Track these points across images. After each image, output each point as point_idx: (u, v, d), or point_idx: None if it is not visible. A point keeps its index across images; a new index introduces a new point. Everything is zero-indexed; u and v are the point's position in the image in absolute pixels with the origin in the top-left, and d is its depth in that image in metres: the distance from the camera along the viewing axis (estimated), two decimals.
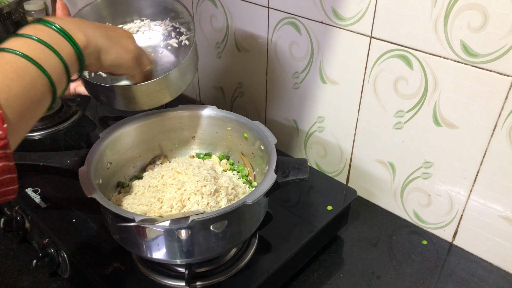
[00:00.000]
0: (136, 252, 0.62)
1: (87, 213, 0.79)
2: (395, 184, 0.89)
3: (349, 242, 0.86)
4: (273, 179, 0.60)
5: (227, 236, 0.60)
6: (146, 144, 0.77)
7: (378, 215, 0.92)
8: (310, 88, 0.94)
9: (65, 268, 0.74)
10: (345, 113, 0.90)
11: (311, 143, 1.00)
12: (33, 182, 0.86)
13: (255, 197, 0.57)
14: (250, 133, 0.73)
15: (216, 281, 0.67)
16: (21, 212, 0.81)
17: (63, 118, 1.04)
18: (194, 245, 0.58)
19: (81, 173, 0.61)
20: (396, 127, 0.83)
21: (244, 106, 1.12)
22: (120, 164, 0.73)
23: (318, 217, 0.79)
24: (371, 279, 0.78)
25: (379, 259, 0.82)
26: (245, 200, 0.57)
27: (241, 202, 0.57)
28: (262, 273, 0.68)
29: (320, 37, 0.87)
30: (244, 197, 0.58)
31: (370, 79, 0.83)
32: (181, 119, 0.77)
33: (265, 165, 0.68)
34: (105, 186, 0.69)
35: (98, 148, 0.67)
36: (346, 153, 0.94)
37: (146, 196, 0.64)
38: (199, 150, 0.80)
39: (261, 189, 0.58)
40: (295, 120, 1.00)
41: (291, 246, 0.72)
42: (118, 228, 0.59)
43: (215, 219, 0.55)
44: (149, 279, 0.67)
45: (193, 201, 0.62)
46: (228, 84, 1.12)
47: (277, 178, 0.62)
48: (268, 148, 0.67)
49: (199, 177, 0.64)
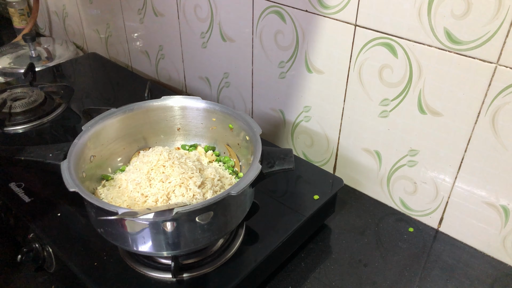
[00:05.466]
0: (121, 245, 0.61)
1: (72, 207, 0.78)
2: (381, 172, 0.89)
3: (336, 231, 0.86)
4: (258, 169, 0.60)
5: (213, 227, 0.59)
6: (130, 136, 0.76)
7: (365, 204, 0.93)
8: (296, 78, 0.93)
9: (51, 263, 0.73)
10: (331, 102, 0.90)
11: (298, 133, 1.00)
12: (17, 176, 0.84)
13: (240, 188, 0.57)
14: (235, 123, 0.73)
15: (203, 273, 0.67)
16: (4, 207, 0.80)
17: (46, 111, 1.02)
18: (180, 237, 0.58)
19: (63, 167, 0.60)
20: (382, 115, 0.83)
21: (230, 97, 1.11)
22: (104, 157, 0.72)
23: (305, 206, 0.79)
24: (358, 267, 0.78)
25: (366, 247, 0.82)
26: (230, 191, 0.57)
27: (226, 193, 0.56)
28: (249, 263, 0.68)
29: (305, 25, 0.86)
30: (229, 188, 0.58)
31: (355, 67, 0.82)
32: (165, 111, 0.76)
33: (251, 156, 0.68)
34: (89, 179, 0.68)
35: (80, 141, 0.66)
36: (333, 142, 0.94)
37: (130, 190, 0.63)
38: (185, 142, 0.79)
39: (246, 180, 0.58)
40: (282, 110, 1.00)
41: (278, 235, 0.72)
42: (101, 221, 0.59)
43: (200, 210, 0.55)
44: (135, 271, 0.67)
45: (178, 194, 0.61)
46: (214, 74, 1.11)
47: (262, 169, 0.62)
48: (253, 139, 0.67)
49: (184, 169, 0.64)
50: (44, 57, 1.40)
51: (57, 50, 1.45)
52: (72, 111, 1.06)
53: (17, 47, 1.44)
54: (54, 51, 1.44)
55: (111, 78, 1.26)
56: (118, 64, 1.32)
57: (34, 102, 1.02)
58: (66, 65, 1.32)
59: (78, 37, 1.52)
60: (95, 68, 1.31)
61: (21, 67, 1.31)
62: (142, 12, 1.20)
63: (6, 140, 0.97)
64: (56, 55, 1.42)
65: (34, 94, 1.04)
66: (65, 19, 1.53)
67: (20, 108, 1.00)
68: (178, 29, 1.13)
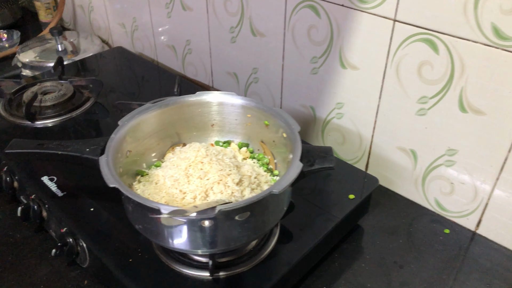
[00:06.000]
0: (159, 242, 0.61)
1: (105, 202, 0.78)
2: (416, 171, 0.87)
3: (369, 231, 0.84)
4: (299, 168, 0.59)
5: (253, 226, 0.58)
6: (164, 132, 0.75)
7: (398, 203, 0.91)
8: (329, 73, 0.91)
9: (84, 258, 0.73)
10: (365, 99, 0.88)
11: (329, 130, 0.98)
12: (49, 170, 0.84)
13: (282, 187, 0.56)
14: (271, 120, 0.71)
15: (239, 271, 0.66)
16: (37, 201, 0.80)
17: (76, 105, 1.02)
18: (219, 236, 0.57)
19: (101, 162, 0.59)
20: (419, 113, 0.81)
21: (259, 93, 1.09)
22: (139, 152, 0.71)
23: (340, 206, 0.77)
24: (393, 269, 0.77)
25: (401, 248, 0.80)
26: (271, 190, 0.55)
27: (267, 192, 0.55)
28: (284, 264, 0.67)
29: (340, 20, 0.84)
30: (270, 186, 0.57)
31: (393, 64, 0.80)
32: (200, 106, 0.75)
33: (289, 154, 0.67)
34: (125, 175, 0.67)
35: (117, 136, 0.65)
36: (366, 140, 0.92)
37: (168, 186, 0.62)
38: (218, 138, 0.78)
39: (287, 179, 0.57)
40: (313, 106, 0.98)
41: (314, 235, 0.71)
42: (141, 218, 0.58)
43: (242, 209, 0.54)
44: (170, 268, 0.66)
45: (216, 191, 0.60)
46: (242, 70, 1.10)
47: (302, 167, 0.60)
48: (292, 136, 0.66)
49: (222, 166, 0.63)
50: (69, 51, 1.40)
51: (82, 44, 1.45)
52: (101, 106, 1.06)
53: (42, 41, 1.44)
54: (79, 45, 1.44)
55: (136, 73, 1.26)
56: (143, 59, 1.32)
57: (64, 96, 1.02)
58: (91, 59, 1.32)
59: (104, 31, 1.52)
60: (120, 63, 1.31)
61: (48, 61, 1.31)
62: (170, 6, 1.19)
63: (36, 134, 0.97)
64: (81, 49, 1.42)
65: (64, 88, 1.04)
66: (91, 13, 1.53)
67: (50, 101, 1.00)
68: (207, 24, 1.11)
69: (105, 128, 1.01)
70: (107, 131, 1.00)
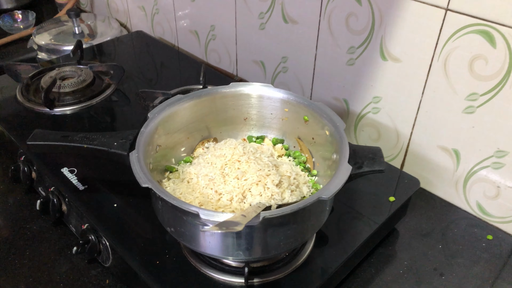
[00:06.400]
0: (192, 247, 0.56)
1: (129, 197, 0.73)
2: (458, 173, 0.82)
3: (406, 235, 0.79)
4: (348, 171, 0.53)
5: (295, 233, 0.53)
6: (195, 125, 0.70)
7: (435, 206, 0.85)
8: (367, 65, 0.85)
9: (107, 257, 0.69)
10: (406, 93, 0.82)
11: (363, 125, 0.92)
12: (69, 161, 0.80)
13: (331, 192, 0.50)
14: (312, 116, 0.66)
15: (275, 279, 0.61)
16: (57, 194, 0.76)
17: (95, 92, 0.97)
18: (259, 243, 0.52)
19: (132, 159, 0.54)
20: (467, 111, 0.75)
21: (287, 83, 1.04)
22: (168, 147, 0.66)
23: (379, 209, 0.72)
24: (434, 277, 0.72)
25: (440, 254, 0.75)
26: (320, 195, 0.50)
27: (316, 197, 0.50)
28: (322, 272, 0.62)
29: (383, 8, 0.78)
30: (319, 191, 0.51)
31: (441, 57, 0.74)
32: (234, 99, 0.69)
33: (332, 153, 0.61)
34: (154, 171, 0.62)
35: (148, 130, 0.60)
36: (404, 137, 0.87)
37: (202, 186, 0.57)
38: (251, 133, 0.73)
39: (337, 183, 0.52)
40: (346, 99, 0.93)
41: (353, 241, 0.66)
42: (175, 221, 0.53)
43: (288, 216, 0.49)
44: (200, 272, 0.62)
45: (255, 193, 0.55)
46: (270, 58, 1.04)
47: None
48: (336, 134, 0.60)
49: (260, 166, 0.58)
50: (86, 35, 1.34)
51: (99, 28, 1.39)
52: (122, 93, 1.01)
53: (57, 23, 1.39)
54: (96, 29, 1.39)
55: (155, 59, 1.20)
56: (164, 44, 1.26)
57: (83, 82, 0.97)
58: (109, 44, 1.27)
59: (122, 14, 1.46)
60: (139, 48, 1.25)
61: (64, 44, 1.26)
62: None
63: (55, 123, 0.92)
64: (98, 32, 1.36)
65: (83, 74, 0.99)
66: None
67: (69, 87, 0.95)
68: (234, 9, 1.05)
69: (127, 117, 0.96)
70: (129, 120, 0.95)
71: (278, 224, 0.50)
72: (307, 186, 0.64)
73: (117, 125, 0.94)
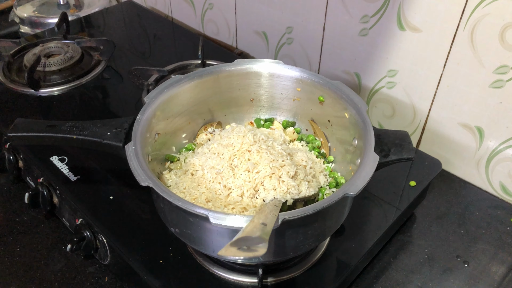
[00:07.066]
0: (202, 250, 0.50)
1: (127, 188, 0.67)
2: (480, 152, 0.76)
3: (425, 219, 0.74)
4: (375, 161, 0.47)
5: (316, 233, 0.47)
6: (197, 109, 0.62)
7: (455, 187, 0.80)
8: (382, 36, 0.78)
9: (105, 254, 0.63)
10: (425, 67, 0.75)
11: (376, 101, 0.85)
12: (58, 148, 0.73)
13: (358, 188, 0.44)
14: (329, 96, 0.59)
15: (290, 277, 0.56)
16: (47, 185, 0.69)
17: (84, 70, 0.89)
18: (277, 245, 0.46)
19: (129, 152, 0.48)
20: (495, 85, 0.68)
21: (292, 55, 0.96)
22: (168, 134, 0.59)
23: (399, 194, 0.67)
24: (457, 265, 0.67)
25: (463, 240, 0.70)
26: (346, 191, 0.44)
27: (341, 194, 0.44)
28: (341, 268, 0.57)
29: None
30: (344, 186, 0.45)
31: (467, 26, 0.67)
32: (240, 77, 0.62)
33: (353, 139, 0.55)
34: (153, 162, 0.56)
35: (145, 117, 0.53)
36: (421, 114, 0.80)
37: (208, 180, 0.51)
38: (259, 115, 0.66)
39: (364, 176, 0.45)
40: (358, 73, 0.85)
41: (373, 232, 0.61)
42: (180, 222, 0.47)
43: (309, 217, 0.43)
44: (208, 272, 0.56)
45: (268, 187, 0.49)
46: (273, 28, 0.96)
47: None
48: (358, 118, 0.53)
49: (273, 155, 0.51)
50: (72, 5, 1.24)
51: None
52: (113, 70, 0.93)
53: None
54: None
55: (148, 31, 1.12)
56: (156, 14, 1.17)
57: (71, 59, 0.89)
58: (97, 15, 1.17)
59: None
60: (129, 19, 1.16)
61: (48, 17, 1.17)
62: None
63: (41, 105, 0.84)
64: (85, 3, 1.26)
65: (70, 50, 0.91)
66: None
67: (55, 66, 0.87)
68: None
69: (120, 96, 0.89)
70: (123, 100, 0.88)
71: (298, 225, 0.44)
72: (324, 175, 0.57)
73: (111, 106, 0.86)
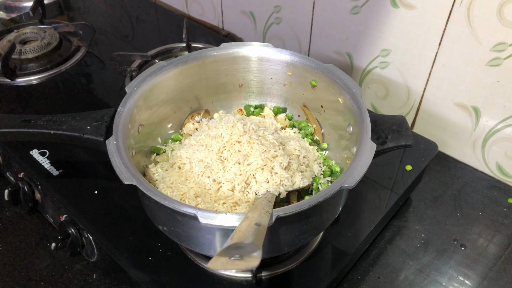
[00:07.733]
0: (192, 248, 0.48)
1: (112, 182, 0.64)
2: (476, 132, 0.74)
3: (421, 203, 0.72)
4: (373, 150, 0.44)
5: (312, 227, 0.45)
6: (182, 97, 0.59)
7: (450, 168, 0.78)
8: (374, 14, 0.74)
9: (91, 251, 0.61)
10: (420, 45, 0.72)
11: (369, 82, 0.83)
12: (39, 142, 0.69)
13: (355, 179, 0.42)
14: (321, 80, 0.56)
15: (284, 270, 0.54)
16: (27, 181, 0.66)
17: (64, 57, 0.85)
18: (271, 242, 0.44)
19: (110, 148, 0.44)
20: (492, 63, 0.66)
21: (281, 36, 0.92)
22: (152, 125, 0.56)
23: (394, 179, 0.65)
24: (455, 249, 0.65)
25: (459, 223, 0.69)
26: (343, 183, 0.41)
27: (338, 186, 0.41)
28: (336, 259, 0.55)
29: None
30: (340, 178, 0.43)
31: (464, 2, 0.64)
32: (227, 62, 0.59)
33: (348, 125, 0.52)
34: (137, 155, 0.53)
35: (127, 109, 0.50)
36: (415, 94, 0.78)
37: (197, 174, 0.48)
38: (248, 102, 0.63)
39: (361, 168, 0.43)
40: (349, 53, 0.82)
41: (369, 219, 0.59)
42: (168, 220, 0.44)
43: (305, 212, 0.40)
44: (200, 268, 0.54)
45: (260, 180, 0.47)
46: (261, 8, 0.92)
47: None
48: (352, 103, 0.51)
49: (265, 146, 0.48)
50: None
51: None
52: (94, 56, 0.89)
53: None
54: None
55: (130, 12, 1.07)
56: None
57: (48, 46, 0.84)
58: None
59: None
60: (110, 0, 1.11)
61: (24, 0, 1.11)
62: None
63: (18, 95, 0.80)
64: None
65: (47, 36, 0.86)
66: None
67: (31, 53, 0.83)
68: None
69: (103, 84, 0.85)
70: (105, 88, 0.84)
71: (293, 221, 0.42)
72: (318, 163, 0.55)
73: (93, 94, 0.82)
